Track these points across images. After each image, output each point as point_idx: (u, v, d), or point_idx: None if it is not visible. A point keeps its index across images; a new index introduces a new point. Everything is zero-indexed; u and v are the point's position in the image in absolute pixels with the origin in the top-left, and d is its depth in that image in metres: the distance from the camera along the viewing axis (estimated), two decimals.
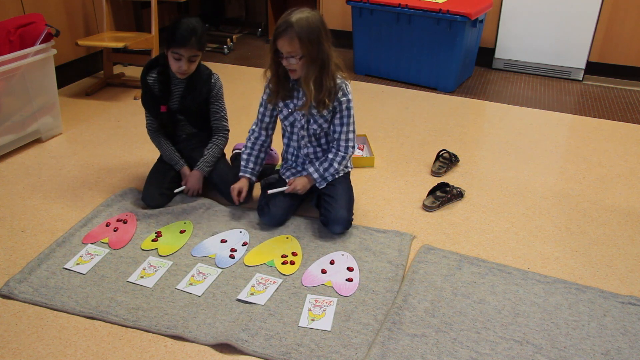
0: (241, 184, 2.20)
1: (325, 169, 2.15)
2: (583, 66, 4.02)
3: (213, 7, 5.25)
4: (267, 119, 2.20)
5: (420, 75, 3.86)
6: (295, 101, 2.10)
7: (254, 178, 2.24)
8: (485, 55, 4.26)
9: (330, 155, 2.15)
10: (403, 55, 3.86)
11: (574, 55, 4.01)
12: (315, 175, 2.15)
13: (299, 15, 1.90)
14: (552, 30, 3.99)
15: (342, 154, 2.14)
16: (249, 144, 2.24)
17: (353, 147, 2.16)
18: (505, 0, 4.04)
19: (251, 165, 2.23)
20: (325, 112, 2.08)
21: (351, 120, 2.11)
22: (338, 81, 2.04)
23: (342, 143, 2.13)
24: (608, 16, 3.87)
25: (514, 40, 4.14)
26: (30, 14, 2.85)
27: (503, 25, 4.12)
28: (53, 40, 2.74)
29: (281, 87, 2.07)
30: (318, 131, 2.13)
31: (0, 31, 2.66)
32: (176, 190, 2.31)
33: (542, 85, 3.97)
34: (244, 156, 2.24)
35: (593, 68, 4.06)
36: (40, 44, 2.68)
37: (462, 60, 3.75)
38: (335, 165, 2.15)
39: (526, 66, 4.20)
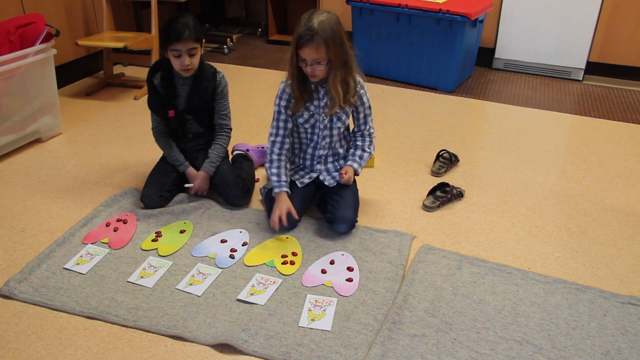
0: (285, 204, 2.03)
1: (360, 156, 2.19)
2: (583, 66, 4.02)
3: (213, 7, 5.25)
4: (289, 125, 2.11)
5: (420, 75, 3.86)
6: (316, 102, 2.08)
7: (289, 191, 2.09)
8: (485, 55, 4.26)
9: (359, 143, 2.20)
10: (403, 55, 3.86)
11: (574, 55, 4.01)
12: (356, 166, 2.17)
13: (320, 18, 1.89)
14: (552, 30, 3.99)
15: (369, 139, 2.21)
16: (275, 157, 2.10)
17: (373, 131, 2.23)
18: (505, 0, 4.05)
19: (284, 177, 2.08)
20: (347, 108, 2.10)
21: (370, 109, 2.17)
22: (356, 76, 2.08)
23: (368, 130, 2.20)
24: (608, 16, 3.87)
25: (514, 40, 4.14)
26: (30, 14, 2.85)
27: (503, 25, 4.12)
28: (53, 40, 2.74)
29: (304, 92, 2.04)
30: (342, 128, 2.15)
31: (0, 31, 2.66)
32: (186, 185, 2.31)
33: (542, 85, 3.97)
34: (274, 170, 2.08)
35: (593, 68, 4.06)
36: (40, 44, 2.68)
37: (462, 60, 3.75)
38: (368, 150, 2.20)
39: (526, 66, 4.20)
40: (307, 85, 2.05)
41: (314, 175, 2.21)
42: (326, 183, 2.19)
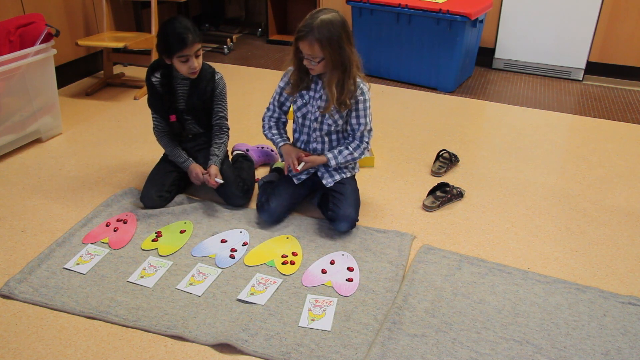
0: (294, 152, 2.16)
1: (340, 151, 2.15)
2: (583, 66, 4.02)
3: (213, 7, 5.25)
4: (284, 101, 2.21)
5: (420, 75, 3.85)
6: (312, 93, 2.11)
7: (290, 142, 2.23)
8: (485, 55, 4.26)
9: (348, 142, 2.17)
10: (403, 55, 3.85)
11: (574, 55, 4.01)
12: (329, 155, 2.14)
13: (322, 17, 1.92)
14: (552, 30, 3.99)
15: (358, 143, 2.16)
16: (272, 123, 2.23)
17: (369, 140, 2.18)
18: (505, 0, 4.05)
19: (284, 134, 2.23)
20: (343, 111, 2.10)
21: (369, 116, 2.14)
22: (357, 80, 2.07)
23: (360, 135, 2.15)
24: (608, 16, 3.87)
25: (514, 40, 4.14)
26: (30, 14, 2.85)
27: (503, 25, 4.12)
28: (53, 40, 2.74)
29: (301, 81, 2.10)
30: (332, 127, 2.14)
31: (0, 31, 2.66)
32: (217, 180, 2.23)
33: (542, 85, 3.97)
34: (274, 131, 2.22)
35: (593, 68, 4.06)
36: (40, 44, 2.68)
37: (462, 60, 3.75)
38: (355, 154, 2.16)
39: (526, 66, 4.20)
40: (306, 75, 2.08)
41: (312, 170, 2.22)
42: (323, 182, 2.19)
